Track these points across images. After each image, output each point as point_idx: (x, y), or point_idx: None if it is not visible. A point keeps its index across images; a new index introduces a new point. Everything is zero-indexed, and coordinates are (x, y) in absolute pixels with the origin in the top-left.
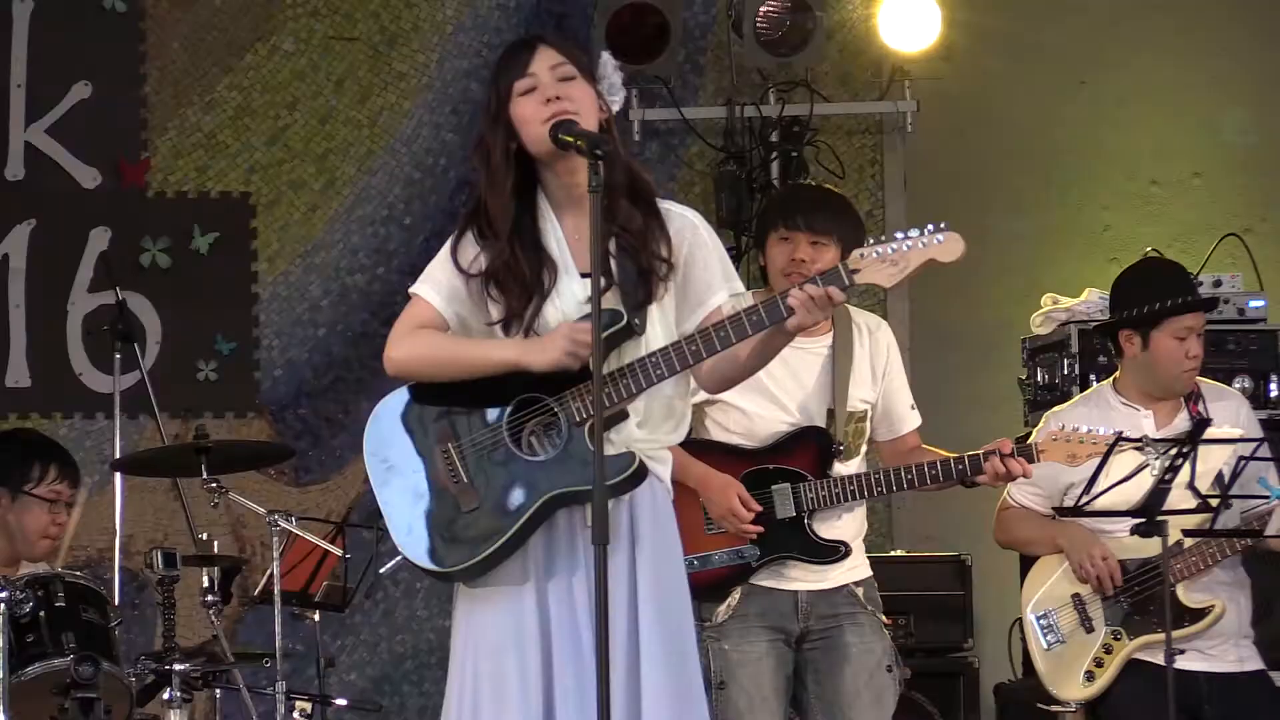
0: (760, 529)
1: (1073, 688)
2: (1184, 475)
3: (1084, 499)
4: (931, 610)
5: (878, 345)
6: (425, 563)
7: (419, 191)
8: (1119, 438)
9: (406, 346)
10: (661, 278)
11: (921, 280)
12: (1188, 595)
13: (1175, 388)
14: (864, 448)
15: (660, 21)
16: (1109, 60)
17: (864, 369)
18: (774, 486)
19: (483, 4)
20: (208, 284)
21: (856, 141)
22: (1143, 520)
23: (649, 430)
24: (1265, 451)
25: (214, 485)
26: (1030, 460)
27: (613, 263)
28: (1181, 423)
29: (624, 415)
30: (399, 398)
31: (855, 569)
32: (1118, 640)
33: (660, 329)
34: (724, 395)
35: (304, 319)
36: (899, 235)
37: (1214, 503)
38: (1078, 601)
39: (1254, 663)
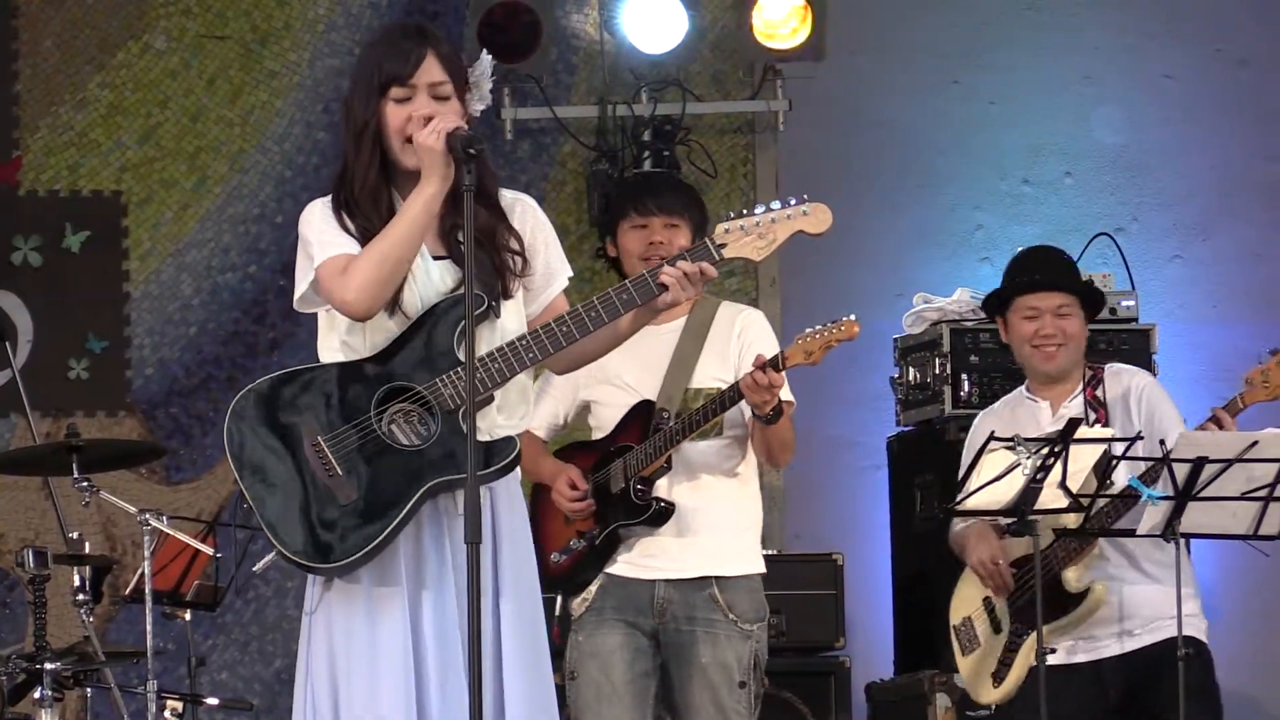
0: (589, 504)
1: (986, 690)
2: (1055, 474)
3: (957, 499)
4: (803, 609)
5: (733, 326)
6: (307, 558)
7: (290, 190)
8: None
9: (355, 277)
10: (515, 272)
11: (792, 278)
12: (1074, 578)
13: (1036, 367)
14: (726, 428)
15: (533, 20)
16: (981, 59)
17: (716, 349)
18: (611, 465)
19: (354, 2)
20: (79, 282)
21: (728, 140)
22: (1014, 520)
23: (507, 415)
24: (1140, 450)
25: (85, 484)
26: (777, 369)
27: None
28: (1076, 405)
29: (490, 400)
30: (255, 393)
31: (721, 561)
32: (1019, 637)
33: (514, 319)
34: (586, 395)
35: (175, 318)
36: (762, 207)
37: (1084, 502)
38: (988, 604)
39: (1159, 634)
